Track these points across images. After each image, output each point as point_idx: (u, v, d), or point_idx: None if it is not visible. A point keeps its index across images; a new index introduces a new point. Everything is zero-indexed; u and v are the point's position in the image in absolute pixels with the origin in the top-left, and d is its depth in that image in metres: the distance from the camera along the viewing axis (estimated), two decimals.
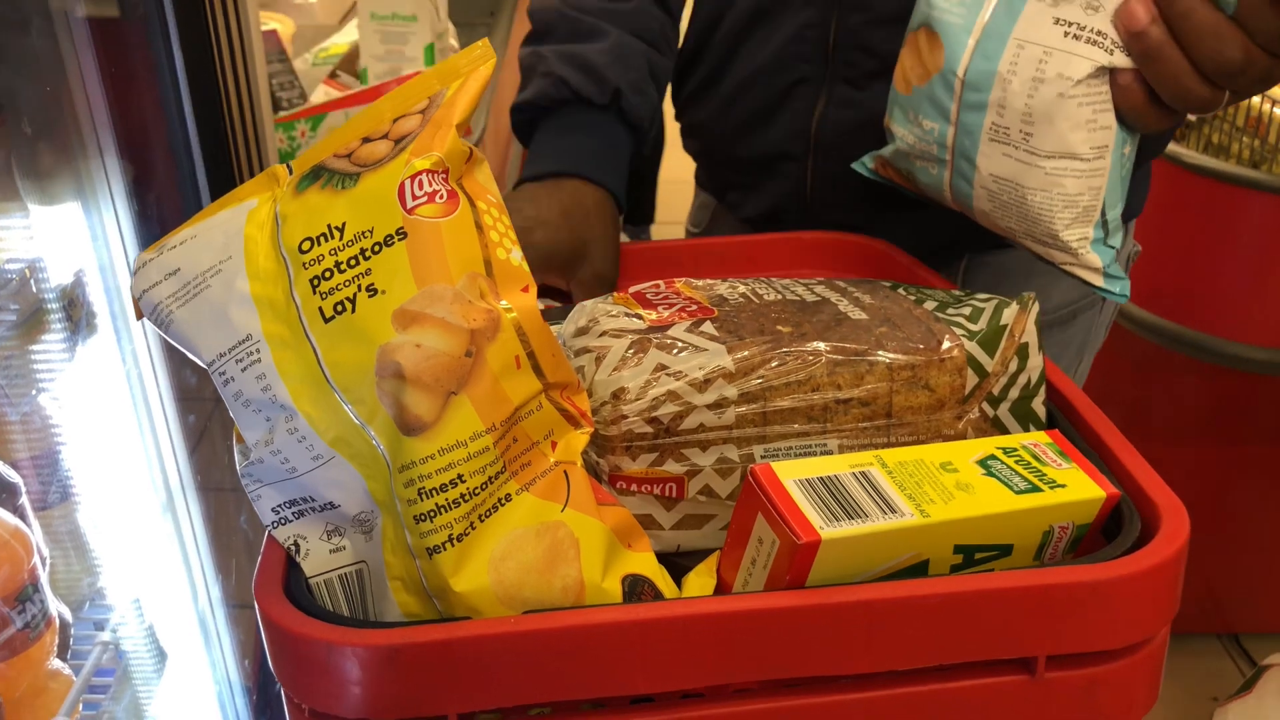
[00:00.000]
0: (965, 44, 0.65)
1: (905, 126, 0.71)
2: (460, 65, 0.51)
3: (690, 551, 0.56)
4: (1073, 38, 0.61)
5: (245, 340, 0.47)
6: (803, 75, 0.83)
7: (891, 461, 0.51)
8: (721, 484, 0.55)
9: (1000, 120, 0.64)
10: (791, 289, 0.63)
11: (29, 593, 0.86)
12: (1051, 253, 0.67)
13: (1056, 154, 0.63)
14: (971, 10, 0.65)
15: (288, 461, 0.47)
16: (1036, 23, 0.63)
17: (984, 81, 0.64)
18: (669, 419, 0.54)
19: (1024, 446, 0.53)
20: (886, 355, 0.56)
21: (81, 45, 0.85)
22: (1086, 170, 0.64)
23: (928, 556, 0.48)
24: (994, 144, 0.65)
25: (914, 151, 0.71)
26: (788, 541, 0.46)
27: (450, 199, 0.47)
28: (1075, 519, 0.51)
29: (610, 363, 0.55)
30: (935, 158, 0.69)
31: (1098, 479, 0.51)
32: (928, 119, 0.68)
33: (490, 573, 0.46)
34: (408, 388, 0.44)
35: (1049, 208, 0.65)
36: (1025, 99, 0.63)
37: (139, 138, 0.94)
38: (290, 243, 0.47)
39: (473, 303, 0.46)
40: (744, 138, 0.88)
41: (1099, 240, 0.67)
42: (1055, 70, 0.62)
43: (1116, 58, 0.61)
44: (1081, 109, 0.62)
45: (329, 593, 0.49)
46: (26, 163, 0.88)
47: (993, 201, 0.68)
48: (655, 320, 0.58)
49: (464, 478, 0.45)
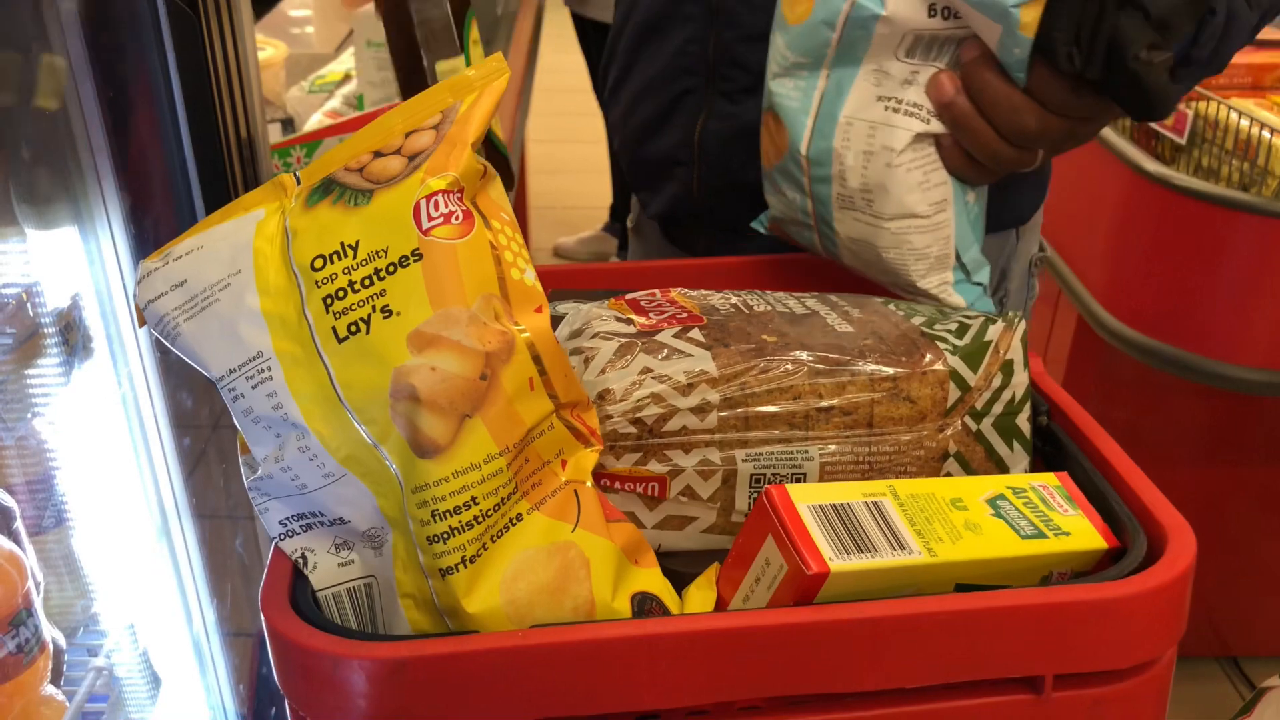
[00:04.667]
0: (804, 124, 0.70)
1: (774, 197, 0.77)
2: (473, 79, 0.51)
3: (673, 552, 0.57)
4: (892, 110, 0.67)
5: (256, 357, 0.47)
6: (688, 87, 0.89)
7: (904, 493, 0.51)
8: (703, 485, 0.56)
9: (844, 190, 0.70)
10: (783, 301, 0.64)
11: (22, 617, 0.85)
12: (917, 298, 0.72)
13: (898, 215, 0.68)
14: (806, 94, 0.70)
15: (298, 478, 0.47)
16: (862, 100, 0.68)
17: (824, 158, 0.70)
18: (652, 420, 0.54)
19: (1033, 488, 0.54)
20: (868, 366, 0.57)
21: (80, 71, 0.85)
22: (929, 225, 0.69)
23: (928, 593, 0.49)
24: (845, 211, 0.71)
25: (786, 218, 0.77)
26: (796, 569, 0.46)
27: (465, 220, 0.47)
28: (1075, 566, 0.52)
29: (598, 364, 0.56)
30: (803, 223, 0.75)
31: (1101, 529, 0.52)
32: (789, 191, 0.74)
33: (502, 593, 0.46)
34: (422, 410, 0.44)
35: (903, 262, 0.70)
36: (861, 171, 0.68)
37: (136, 163, 0.94)
38: (302, 259, 0.47)
39: (487, 325, 0.46)
40: (643, 142, 0.95)
41: (961, 281, 0.72)
42: (881, 143, 0.67)
43: (933, 125, 0.66)
44: (911, 174, 0.67)
45: (337, 606, 0.49)
46: (24, 188, 0.88)
47: (857, 259, 0.73)
48: (645, 325, 0.59)
49: (477, 500, 0.45)
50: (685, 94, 0.89)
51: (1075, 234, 1.72)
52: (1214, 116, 1.41)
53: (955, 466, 0.59)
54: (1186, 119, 1.44)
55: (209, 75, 0.84)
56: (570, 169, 4.13)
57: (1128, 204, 1.52)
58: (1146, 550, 0.50)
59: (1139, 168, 1.47)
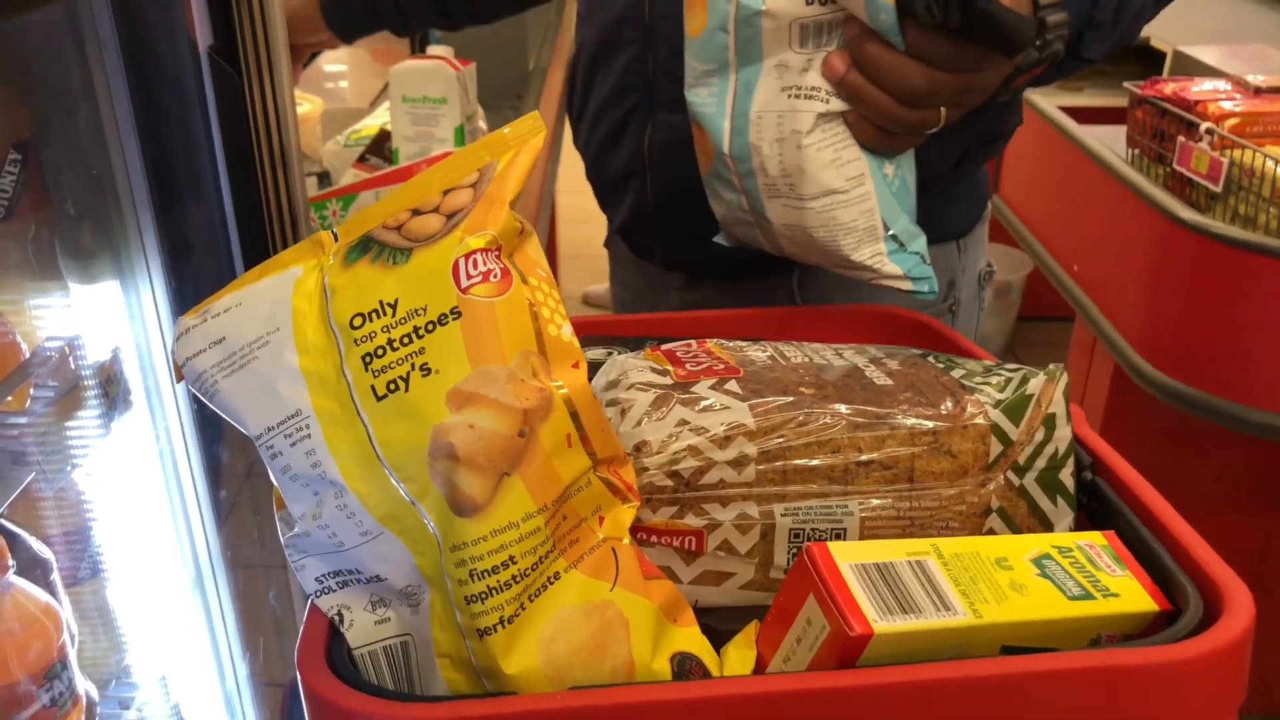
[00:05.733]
0: (722, 128, 0.74)
1: (716, 202, 0.80)
2: (509, 138, 0.51)
3: (709, 608, 0.56)
4: (794, 97, 0.70)
5: (294, 415, 0.47)
6: (634, 104, 0.95)
7: (948, 552, 0.50)
8: (741, 540, 0.55)
9: (767, 180, 0.73)
10: (820, 353, 0.64)
11: (57, 670, 0.85)
12: (858, 273, 0.76)
13: (819, 194, 0.72)
14: (720, 98, 0.74)
15: (335, 536, 0.47)
16: (768, 94, 0.71)
17: (744, 154, 0.73)
18: (689, 473, 0.54)
19: (1079, 547, 0.52)
20: (908, 419, 0.56)
21: (125, 128, 0.87)
22: (850, 199, 0.72)
23: (973, 655, 0.48)
24: (773, 199, 0.74)
25: (729, 220, 0.80)
26: (839, 630, 0.45)
27: (504, 278, 0.47)
28: (1125, 629, 0.50)
29: (634, 416, 0.55)
30: (745, 221, 0.78)
31: (1151, 590, 0.50)
32: (725, 192, 0.78)
33: (540, 654, 0.45)
34: (461, 469, 0.44)
35: (832, 239, 0.73)
36: (777, 159, 0.72)
37: (177, 218, 0.95)
38: (341, 318, 0.48)
39: (526, 381, 0.46)
40: (601, 159, 1.02)
41: (895, 251, 0.75)
42: (789, 128, 0.71)
43: (832, 104, 0.70)
44: (822, 152, 0.71)
45: (373, 665, 0.48)
46: (69, 242, 0.89)
47: (795, 245, 0.76)
48: (681, 376, 0.58)
49: (515, 559, 0.45)
50: (633, 111, 0.96)
51: (1110, 283, 1.70)
52: (1249, 164, 1.40)
53: (998, 522, 0.57)
54: (1222, 167, 1.43)
55: (249, 132, 0.86)
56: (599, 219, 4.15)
57: (1164, 252, 1.51)
58: (1203, 612, 0.48)
59: (1174, 216, 1.46)
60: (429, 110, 1.36)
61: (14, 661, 0.79)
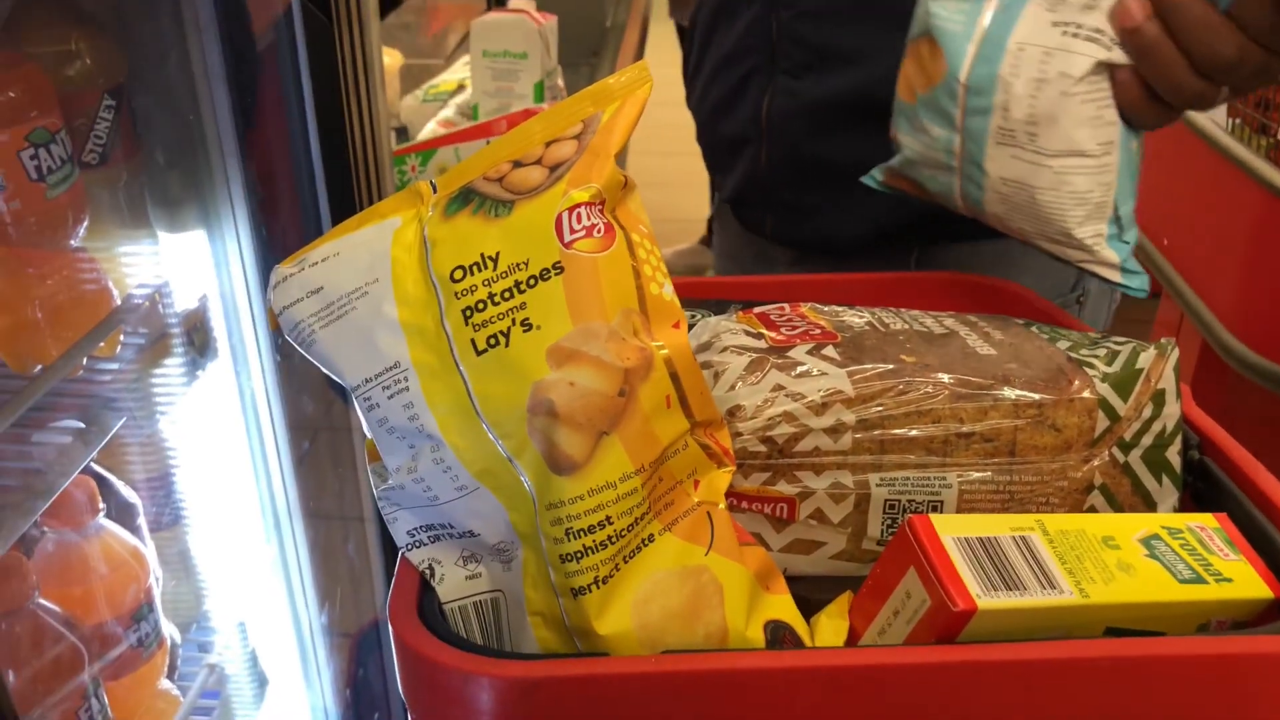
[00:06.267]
0: (966, 51, 0.66)
1: (911, 135, 0.72)
2: (615, 88, 0.50)
3: (797, 577, 0.55)
4: (1071, 36, 0.62)
5: (393, 367, 0.47)
6: (753, 66, 0.91)
7: (1053, 529, 0.48)
8: (834, 509, 0.54)
9: (1005, 124, 0.65)
10: (920, 320, 0.62)
11: (144, 612, 0.87)
12: (1067, 251, 0.67)
13: (1064, 152, 0.64)
14: (970, 17, 0.66)
15: (430, 490, 0.47)
16: (1035, 25, 0.63)
17: (987, 86, 0.65)
18: (783, 440, 0.53)
19: (1190, 529, 0.50)
20: (1013, 391, 0.54)
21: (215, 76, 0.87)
22: (1095, 166, 0.64)
23: (1077, 636, 0.46)
24: (1001, 147, 0.66)
25: (922, 160, 0.72)
26: (941, 605, 0.44)
27: (607, 233, 0.46)
28: (1236, 615, 0.48)
29: (728, 380, 0.54)
30: (944, 165, 0.70)
31: (1266, 577, 0.48)
32: (934, 126, 0.69)
33: (634, 616, 0.45)
34: (560, 426, 0.43)
35: (1060, 206, 0.65)
36: (1029, 100, 0.64)
37: (264, 167, 0.95)
38: (441, 270, 0.47)
39: (627, 340, 0.45)
40: (715, 122, 0.98)
41: (1114, 236, 0.67)
42: (1056, 69, 0.62)
43: (1115, 53, 0.61)
44: (1085, 106, 0.63)
45: (463, 620, 0.48)
46: (158, 191, 0.90)
47: (1005, 204, 0.68)
48: (777, 340, 0.57)
49: (611, 519, 0.44)
50: (752, 73, 0.92)
51: (1201, 257, 1.65)
52: None
53: (1100, 500, 0.56)
54: None
55: (339, 81, 0.85)
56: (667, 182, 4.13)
57: (1263, 226, 1.45)
58: None
59: (1276, 189, 1.40)
60: (509, 65, 1.35)
61: (104, 603, 0.81)
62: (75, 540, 0.80)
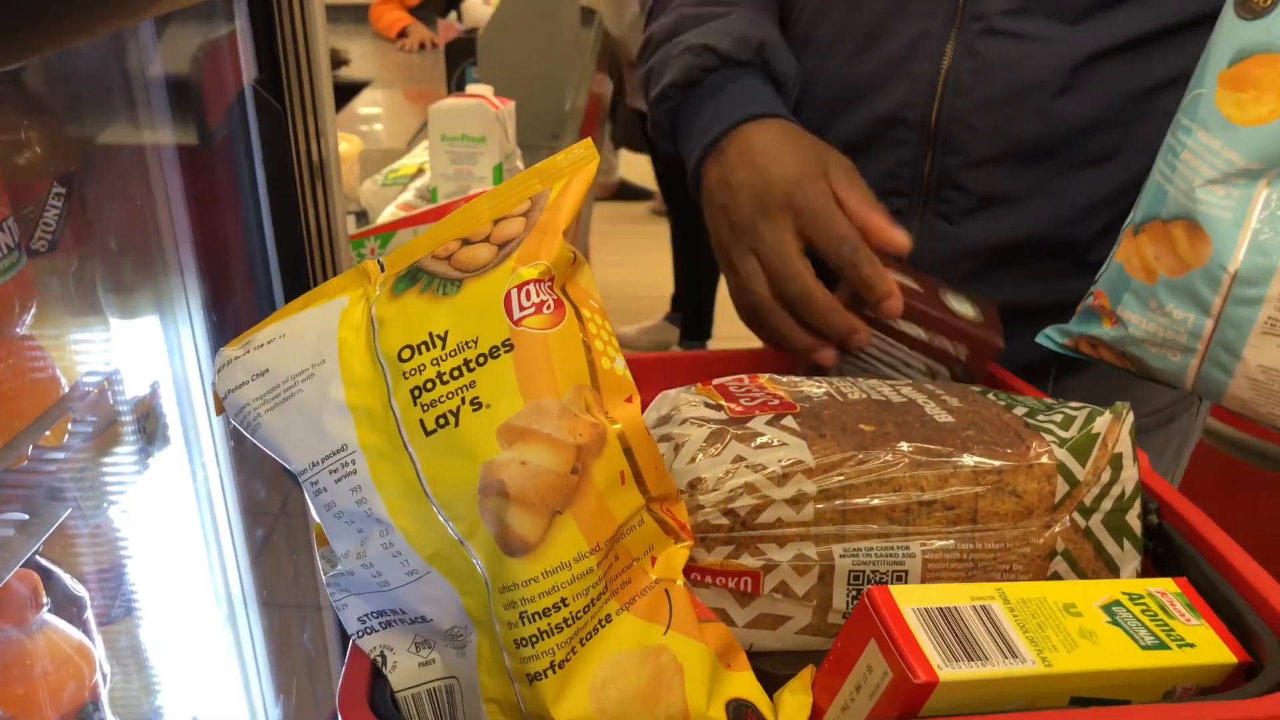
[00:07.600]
0: (1236, 239, 0.64)
1: (1143, 314, 0.69)
2: (561, 165, 0.50)
3: (764, 652, 0.54)
4: None
5: (340, 450, 0.46)
6: (897, 208, 0.84)
7: (1014, 597, 0.48)
8: (799, 581, 0.53)
9: (1278, 314, 0.63)
10: (877, 389, 0.62)
11: (89, 711, 0.84)
12: None
13: None
14: (1241, 204, 0.64)
15: (380, 575, 0.45)
16: None
17: (1260, 277, 0.63)
18: (745, 512, 0.52)
19: (1150, 594, 0.50)
20: (971, 458, 0.54)
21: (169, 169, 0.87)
22: None
23: (1041, 706, 0.45)
24: (1267, 336, 0.64)
25: (1151, 339, 0.69)
26: (902, 677, 0.43)
27: (557, 309, 0.46)
28: (1201, 682, 0.48)
29: (688, 452, 0.54)
30: (1182, 346, 0.68)
31: (1229, 641, 0.48)
32: (1179, 310, 0.67)
33: (592, 701, 0.44)
34: (512, 507, 0.43)
35: None
36: None
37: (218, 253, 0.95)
38: (389, 350, 0.46)
39: (579, 416, 0.44)
40: None
41: None
42: None
43: None
44: None
45: (417, 708, 0.47)
46: (110, 277, 0.89)
47: (1256, 390, 0.66)
48: (736, 412, 0.57)
49: (567, 601, 0.43)
50: (894, 215, 0.83)
51: None
52: None
53: (1063, 565, 0.55)
54: None
55: (293, 166, 0.85)
56: (631, 259, 4.16)
57: None
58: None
59: None
60: (468, 149, 1.36)
61: (47, 702, 0.78)
62: (17, 637, 0.78)
